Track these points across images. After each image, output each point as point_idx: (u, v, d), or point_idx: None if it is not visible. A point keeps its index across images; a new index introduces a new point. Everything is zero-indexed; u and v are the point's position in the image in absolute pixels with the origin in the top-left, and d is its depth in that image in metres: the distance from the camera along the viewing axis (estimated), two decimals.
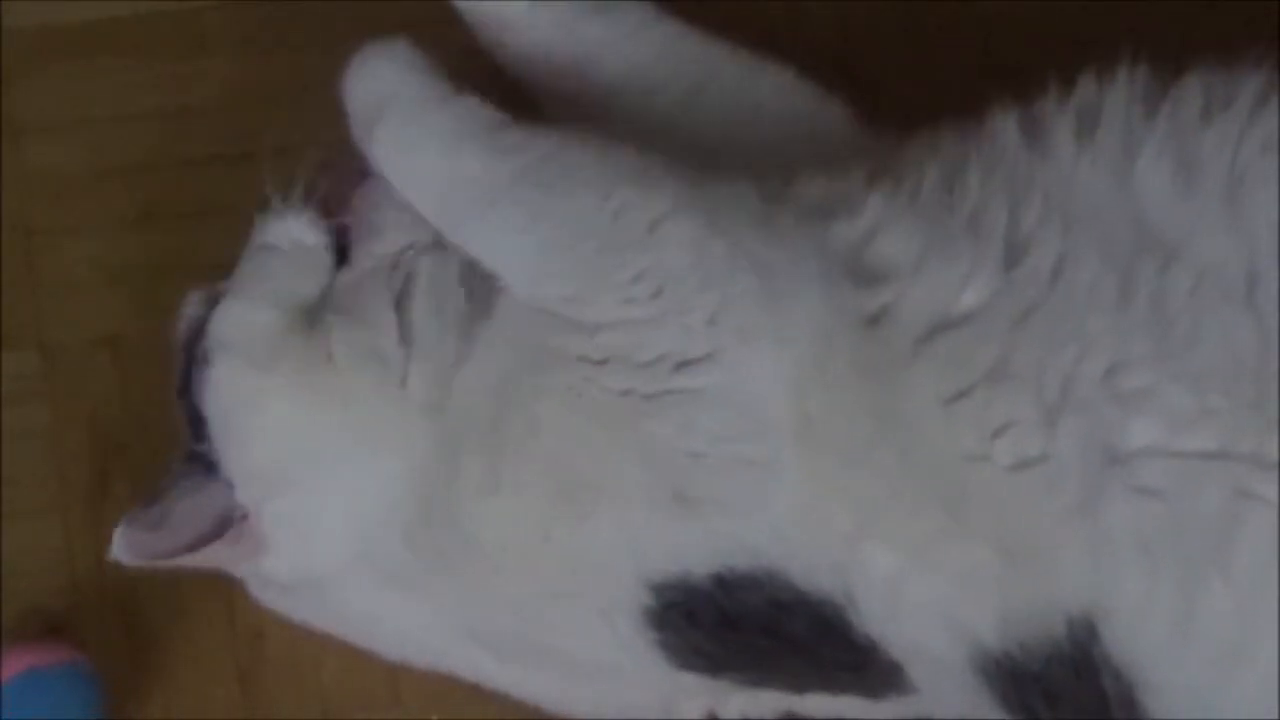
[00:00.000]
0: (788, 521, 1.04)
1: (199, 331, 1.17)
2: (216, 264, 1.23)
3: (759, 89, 1.25)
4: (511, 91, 1.27)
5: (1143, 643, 0.99)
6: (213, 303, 1.18)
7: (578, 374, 1.07)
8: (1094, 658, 1.00)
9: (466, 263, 1.14)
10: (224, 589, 1.29)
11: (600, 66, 1.26)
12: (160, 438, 1.23)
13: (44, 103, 1.42)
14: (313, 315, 1.15)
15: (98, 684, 1.28)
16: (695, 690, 1.14)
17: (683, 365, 1.06)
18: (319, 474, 1.14)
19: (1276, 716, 0.97)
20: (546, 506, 1.08)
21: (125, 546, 1.14)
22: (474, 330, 1.12)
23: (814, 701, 1.13)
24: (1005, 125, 1.10)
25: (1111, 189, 1.05)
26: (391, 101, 1.14)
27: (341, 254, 1.18)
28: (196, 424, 1.16)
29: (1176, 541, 0.98)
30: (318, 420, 1.14)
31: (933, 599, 1.03)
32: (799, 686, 1.12)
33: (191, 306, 1.20)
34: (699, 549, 1.06)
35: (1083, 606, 1.00)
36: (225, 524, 1.15)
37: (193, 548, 1.15)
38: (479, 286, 1.13)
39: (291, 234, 1.18)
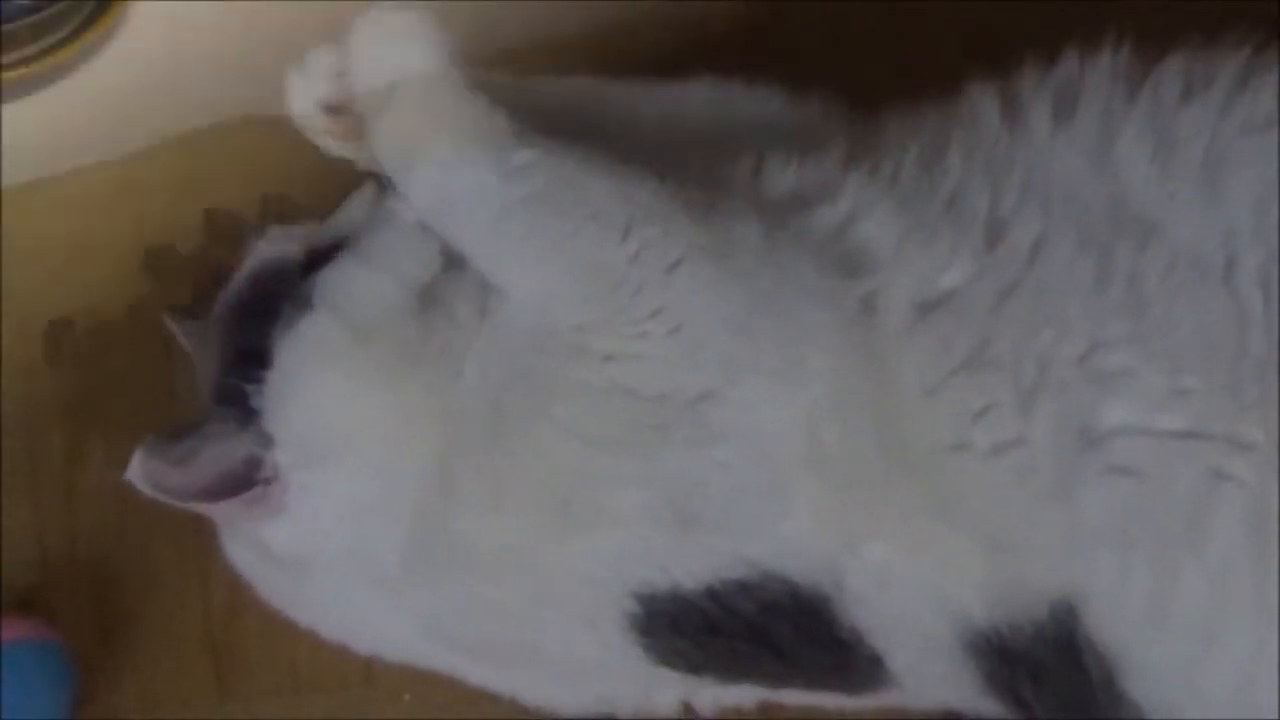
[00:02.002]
0: (789, 536, 1.04)
1: (279, 268, 1.13)
2: (194, 240, 1.22)
3: (689, 103, 1.22)
4: None
5: (1120, 623, 0.99)
6: (296, 243, 1.13)
7: (581, 399, 1.05)
8: (1077, 639, 1.00)
9: None
10: (198, 565, 1.29)
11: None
12: (133, 415, 1.22)
13: None
14: (423, 301, 1.11)
15: (69, 660, 1.28)
16: (673, 682, 1.13)
17: (694, 399, 1.04)
18: (361, 457, 1.10)
19: (1253, 694, 0.98)
20: (542, 521, 1.07)
21: (142, 473, 1.07)
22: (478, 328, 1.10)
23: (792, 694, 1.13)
24: (984, 103, 1.09)
25: (1090, 169, 1.05)
26: (401, 86, 1.09)
27: None
28: (247, 359, 1.10)
29: (1151, 521, 0.98)
30: (388, 407, 1.10)
31: (924, 580, 1.03)
32: (777, 685, 1.12)
33: (271, 241, 1.14)
34: (695, 564, 1.05)
35: (1063, 588, 0.99)
36: (245, 481, 1.09)
37: (207, 497, 1.09)
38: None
39: (410, 213, 1.12)
